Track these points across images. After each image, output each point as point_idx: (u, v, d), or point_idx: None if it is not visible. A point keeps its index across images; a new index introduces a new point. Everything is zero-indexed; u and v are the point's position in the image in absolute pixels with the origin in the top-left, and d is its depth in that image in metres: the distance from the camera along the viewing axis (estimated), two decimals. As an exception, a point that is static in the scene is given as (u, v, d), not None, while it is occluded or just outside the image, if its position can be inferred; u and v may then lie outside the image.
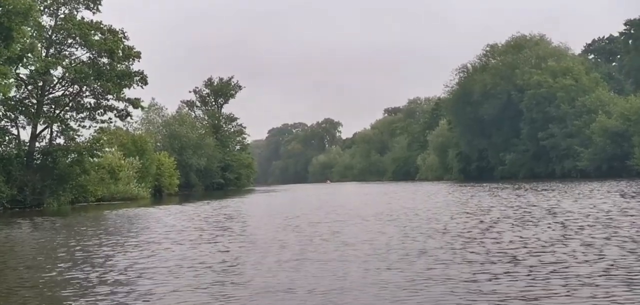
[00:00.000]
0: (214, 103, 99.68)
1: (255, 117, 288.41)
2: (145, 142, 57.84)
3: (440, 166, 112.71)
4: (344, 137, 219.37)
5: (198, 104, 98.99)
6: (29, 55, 32.58)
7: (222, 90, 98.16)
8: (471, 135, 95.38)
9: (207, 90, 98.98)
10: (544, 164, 79.17)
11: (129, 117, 40.42)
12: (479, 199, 30.40)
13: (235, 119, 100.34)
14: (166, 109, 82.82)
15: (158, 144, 77.20)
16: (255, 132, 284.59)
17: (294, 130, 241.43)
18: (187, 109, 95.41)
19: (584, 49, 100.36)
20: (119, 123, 41.81)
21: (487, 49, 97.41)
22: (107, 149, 42.77)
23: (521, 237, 13.41)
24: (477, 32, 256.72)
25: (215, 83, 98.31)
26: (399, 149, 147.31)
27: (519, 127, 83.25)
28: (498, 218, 18.58)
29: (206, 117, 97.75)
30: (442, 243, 12.99)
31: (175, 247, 14.03)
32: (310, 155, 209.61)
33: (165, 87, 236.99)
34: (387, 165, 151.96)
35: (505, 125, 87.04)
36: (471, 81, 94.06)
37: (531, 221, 17.01)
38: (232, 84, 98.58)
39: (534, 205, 23.34)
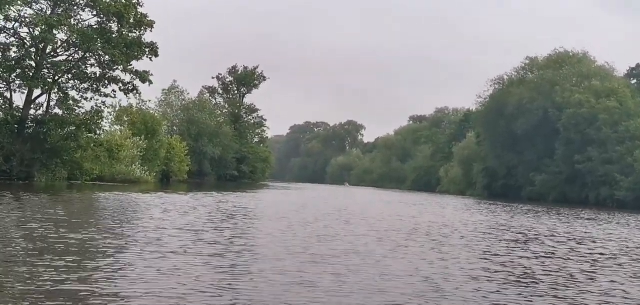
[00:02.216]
0: (236, 92, 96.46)
1: (278, 113, 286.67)
2: (157, 123, 54.28)
3: (464, 180, 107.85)
4: (366, 140, 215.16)
5: (220, 91, 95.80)
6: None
7: (246, 79, 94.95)
8: (501, 151, 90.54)
9: (231, 78, 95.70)
10: (577, 189, 74.15)
11: (135, 92, 36.56)
12: (519, 220, 26.20)
13: (257, 110, 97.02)
14: (188, 93, 79.53)
15: (175, 128, 74.13)
16: (277, 127, 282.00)
17: (315, 129, 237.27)
18: (208, 95, 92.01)
19: (627, 72, 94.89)
20: (123, 97, 38.02)
21: (526, 61, 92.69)
22: (108, 126, 39.19)
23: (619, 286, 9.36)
24: (509, 47, 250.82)
25: (240, 71, 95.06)
26: (421, 158, 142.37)
27: (554, 147, 78.23)
28: (553, 250, 14.56)
29: (227, 106, 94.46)
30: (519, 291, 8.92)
31: (135, 259, 10.14)
32: (330, 156, 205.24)
33: (187, 72, 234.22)
34: (408, 173, 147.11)
35: (538, 143, 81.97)
36: (506, 94, 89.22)
37: (609, 260, 12.91)
38: (257, 73, 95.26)
39: (605, 239, 19.17)
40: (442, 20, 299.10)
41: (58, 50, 34.24)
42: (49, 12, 33.10)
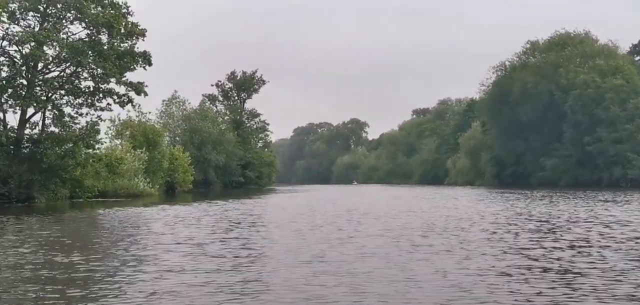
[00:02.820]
0: (236, 98, 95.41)
1: (281, 116, 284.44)
2: (157, 134, 53.26)
3: (472, 170, 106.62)
4: (370, 138, 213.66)
5: (220, 98, 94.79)
6: None
7: (245, 84, 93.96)
8: (507, 138, 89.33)
9: (230, 84, 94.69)
10: (589, 171, 72.86)
11: (131, 103, 35.49)
12: (537, 207, 25.03)
13: (258, 114, 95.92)
14: (189, 102, 78.64)
15: (177, 138, 73.21)
16: (281, 131, 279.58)
17: (319, 130, 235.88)
18: (209, 103, 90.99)
19: (630, 49, 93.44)
20: (122, 111, 36.99)
21: (527, 46, 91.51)
22: (108, 140, 38.10)
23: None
24: (508, 32, 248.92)
25: (238, 77, 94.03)
26: (427, 152, 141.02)
27: (562, 130, 76.96)
28: (584, 237, 13.48)
29: (228, 112, 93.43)
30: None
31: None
32: (334, 156, 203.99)
33: (188, 82, 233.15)
34: (415, 167, 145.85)
35: (546, 127, 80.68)
36: (509, 80, 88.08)
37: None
38: (256, 78, 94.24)
39: (634, 221, 18.04)
40: (436, 11, 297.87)
41: (49, 67, 33.12)
42: (37, 28, 32.02)
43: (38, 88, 32.55)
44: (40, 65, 32.48)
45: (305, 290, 7.71)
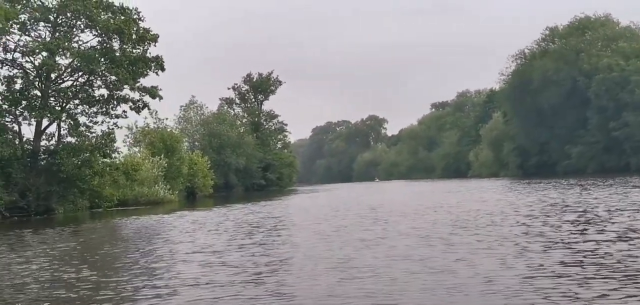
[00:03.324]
0: (253, 100, 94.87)
1: (299, 117, 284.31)
2: (175, 140, 52.77)
3: (495, 162, 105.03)
4: (389, 133, 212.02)
5: (237, 101, 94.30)
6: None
7: (262, 86, 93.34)
8: (530, 127, 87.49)
9: (247, 87, 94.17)
10: (616, 157, 70.96)
11: (146, 109, 34.97)
12: (570, 197, 23.91)
13: (276, 116, 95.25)
14: (206, 107, 78.38)
15: (196, 143, 72.91)
16: (299, 131, 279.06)
17: (337, 128, 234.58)
18: (226, 106, 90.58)
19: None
20: (139, 118, 36.51)
21: (546, 32, 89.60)
22: (126, 148, 37.61)
23: None
24: (525, 19, 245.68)
25: (255, 79, 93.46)
26: (448, 145, 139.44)
27: (586, 116, 75.17)
28: (635, 226, 12.46)
29: (246, 115, 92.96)
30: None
31: None
32: (354, 153, 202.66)
33: (205, 86, 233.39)
34: (436, 161, 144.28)
35: (569, 115, 78.76)
36: (529, 68, 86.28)
37: None
38: (272, 79, 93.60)
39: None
40: (450, 4, 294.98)
41: (62, 76, 32.69)
42: (48, 38, 31.58)
43: (52, 99, 32.13)
44: (53, 75, 32.05)
45: (332, 303, 6.87)
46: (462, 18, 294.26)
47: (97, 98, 33.74)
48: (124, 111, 34.36)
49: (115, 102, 33.74)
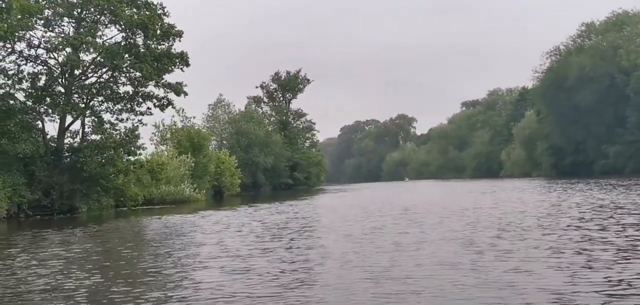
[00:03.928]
0: (281, 98, 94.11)
1: (327, 116, 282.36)
2: (202, 138, 52.04)
3: (528, 161, 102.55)
4: (418, 133, 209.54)
5: (265, 99, 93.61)
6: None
7: (290, 84, 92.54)
8: (565, 126, 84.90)
9: (274, 85, 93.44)
10: (656, 157, 68.38)
11: (171, 106, 34.12)
12: (619, 197, 22.33)
13: (304, 114, 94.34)
14: (234, 105, 77.73)
15: (224, 141, 72.33)
16: (328, 130, 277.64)
17: (366, 128, 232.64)
18: (254, 105, 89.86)
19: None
20: (166, 116, 35.74)
21: (582, 28, 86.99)
22: (153, 146, 36.85)
23: None
24: (555, 16, 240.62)
25: (283, 77, 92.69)
26: (479, 144, 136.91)
27: (625, 114, 72.52)
28: None
29: (273, 113, 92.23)
30: None
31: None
32: (383, 153, 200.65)
33: (232, 85, 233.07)
34: (467, 161, 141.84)
35: (606, 113, 76.16)
36: (565, 65, 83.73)
37: None
38: (300, 77, 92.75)
39: None
40: (480, 3, 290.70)
41: (87, 73, 32.04)
42: (71, 34, 30.91)
43: (76, 95, 31.48)
44: (77, 71, 31.41)
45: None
46: (492, 17, 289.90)
47: (122, 95, 33.00)
48: (148, 108, 33.64)
49: (139, 99, 32.98)
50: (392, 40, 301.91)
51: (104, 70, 32.12)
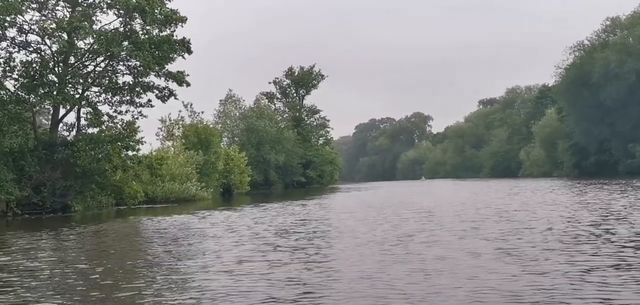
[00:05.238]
0: (294, 94, 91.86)
1: (342, 114, 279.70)
2: (210, 133, 49.77)
3: (548, 160, 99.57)
4: (434, 131, 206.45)
5: (278, 95, 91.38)
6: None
7: (304, 80, 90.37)
8: (588, 124, 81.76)
9: (288, 81, 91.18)
10: (686, 157, 65.22)
11: (172, 97, 31.71)
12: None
13: (318, 111, 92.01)
14: (244, 100, 75.51)
15: (236, 138, 70.10)
16: (342, 128, 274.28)
17: (381, 126, 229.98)
18: (266, 100, 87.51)
19: None
20: (170, 110, 33.43)
21: (607, 23, 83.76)
22: (158, 142, 34.61)
23: None
24: (575, 14, 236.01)
25: (296, 73, 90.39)
26: (497, 143, 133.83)
27: (653, 112, 69.47)
28: None
29: (287, 110, 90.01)
30: None
31: None
32: (398, 151, 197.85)
33: (245, 82, 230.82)
34: (484, 160, 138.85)
35: (633, 110, 73.05)
36: (589, 61, 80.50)
37: None
38: (314, 73, 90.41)
39: None
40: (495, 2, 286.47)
41: (82, 60, 29.78)
42: (66, 18, 28.61)
43: (70, 85, 29.22)
44: (72, 59, 29.16)
45: None
46: (509, 15, 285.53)
47: (121, 85, 30.73)
48: (149, 100, 31.33)
49: (139, 89, 30.68)
50: (407, 38, 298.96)
51: (100, 58, 29.84)
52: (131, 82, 30.77)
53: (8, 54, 28.20)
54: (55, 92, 28.01)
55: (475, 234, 12.78)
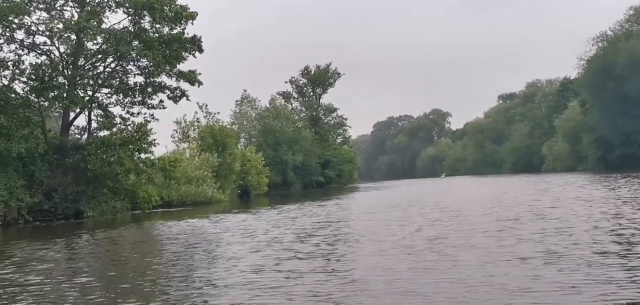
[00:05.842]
0: (311, 93, 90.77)
1: (359, 112, 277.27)
2: (226, 134, 48.79)
3: (572, 155, 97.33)
4: (453, 128, 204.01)
5: (295, 95, 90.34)
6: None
7: (320, 78, 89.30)
8: (613, 117, 79.51)
9: (304, 80, 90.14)
10: None
11: (184, 98, 30.71)
12: None
13: (335, 109, 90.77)
14: (259, 101, 74.51)
15: (253, 139, 69.12)
16: (360, 128, 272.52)
17: (399, 123, 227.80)
18: (282, 100, 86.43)
19: None
20: (185, 111, 32.50)
21: (630, 12, 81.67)
22: (174, 144, 33.61)
23: None
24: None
25: (312, 71, 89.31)
26: (518, 138, 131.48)
27: (682, 103, 67.31)
28: None
29: (304, 109, 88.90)
30: None
31: None
32: (417, 149, 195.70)
33: (263, 82, 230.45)
34: (505, 155, 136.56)
35: (660, 102, 71.04)
36: (613, 51, 78.40)
37: None
38: (330, 71, 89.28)
39: None
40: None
41: (92, 61, 28.87)
42: (74, 18, 27.69)
43: (80, 88, 28.31)
44: (81, 60, 28.29)
45: None
46: (528, 9, 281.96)
47: (131, 86, 29.79)
48: (161, 101, 30.35)
49: (150, 90, 29.72)
50: (423, 35, 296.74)
51: (110, 59, 28.91)
52: (142, 83, 29.82)
53: (17, 57, 27.36)
54: (64, 95, 27.12)
55: (514, 235, 11.58)
